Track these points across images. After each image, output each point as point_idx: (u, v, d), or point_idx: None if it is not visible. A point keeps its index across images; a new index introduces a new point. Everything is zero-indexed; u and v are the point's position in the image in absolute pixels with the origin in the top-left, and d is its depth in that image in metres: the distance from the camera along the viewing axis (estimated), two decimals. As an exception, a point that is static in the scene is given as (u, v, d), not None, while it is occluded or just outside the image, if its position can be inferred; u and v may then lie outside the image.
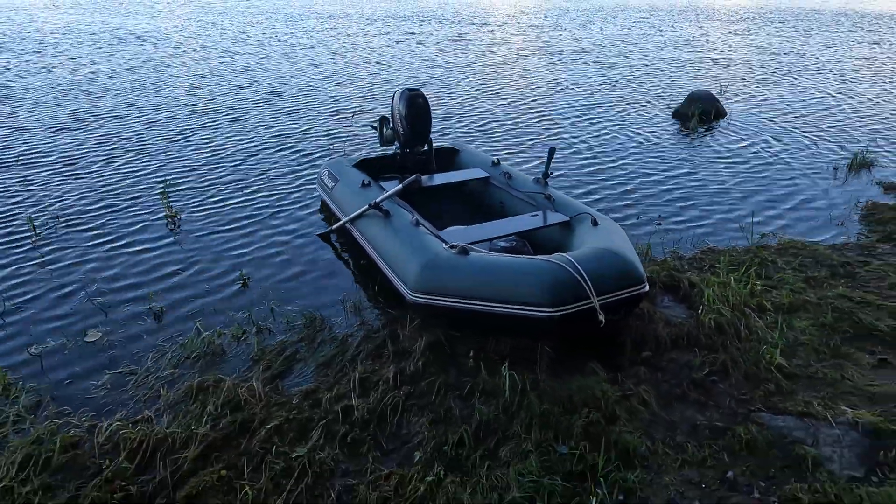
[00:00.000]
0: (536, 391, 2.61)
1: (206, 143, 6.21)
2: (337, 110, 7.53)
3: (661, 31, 14.65)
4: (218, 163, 5.67)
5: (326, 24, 15.35)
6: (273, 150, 6.06)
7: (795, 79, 9.57)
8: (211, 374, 2.81)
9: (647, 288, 2.94)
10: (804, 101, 8.23)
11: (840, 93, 8.65)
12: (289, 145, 6.20)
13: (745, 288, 3.33)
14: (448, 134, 6.65)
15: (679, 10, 19.38)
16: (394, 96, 4.56)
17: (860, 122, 7.26)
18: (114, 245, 4.13)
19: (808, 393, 2.62)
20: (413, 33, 13.84)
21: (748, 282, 3.39)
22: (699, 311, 3.13)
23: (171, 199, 4.71)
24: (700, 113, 7.07)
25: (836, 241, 4.23)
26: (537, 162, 5.81)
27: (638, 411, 2.53)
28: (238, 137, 6.44)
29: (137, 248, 4.08)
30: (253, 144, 6.22)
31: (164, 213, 4.57)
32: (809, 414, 2.45)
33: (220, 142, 6.27)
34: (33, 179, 5.24)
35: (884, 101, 8.23)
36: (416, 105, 4.47)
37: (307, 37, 13.07)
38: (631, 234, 4.12)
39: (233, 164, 5.66)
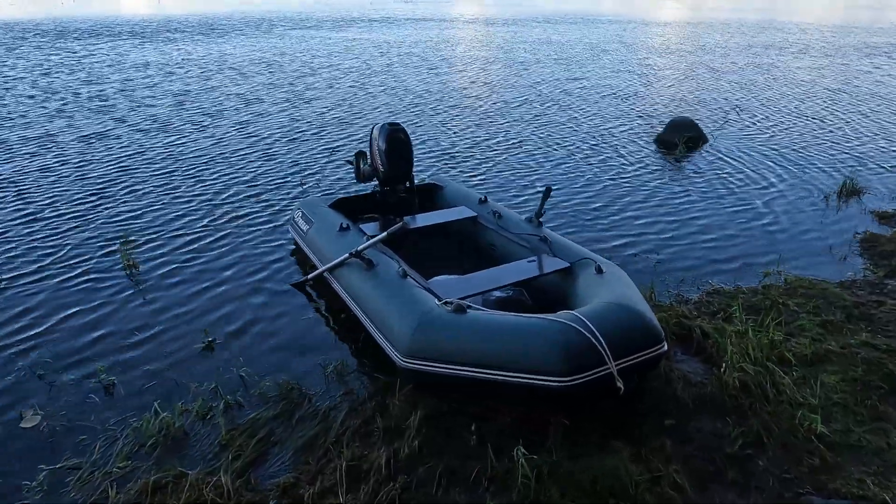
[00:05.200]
0: (556, 477, 2.27)
1: (169, 185, 5.73)
2: (311, 145, 7.17)
3: (635, 59, 14.75)
4: (182, 206, 5.21)
5: (296, 57, 15.06)
6: (242, 188, 5.65)
7: (775, 103, 9.59)
8: (170, 467, 2.39)
9: (666, 347, 2.65)
10: (786, 126, 8.19)
11: (822, 118, 8.65)
12: (259, 183, 5.78)
13: (766, 338, 3.06)
14: (426, 169, 6.34)
15: (651, 38, 19.69)
16: (372, 131, 4.25)
17: (845, 147, 7.20)
18: (63, 303, 3.65)
19: (856, 467, 2.33)
20: (391, 66, 13.65)
21: (768, 331, 3.12)
22: (722, 370, 2.84)
23: (130, 248, 4.27)
24: (686, 140, 6.93)
25: (842, 278, 4.02)
26: (522, 198, 5.54)
27: (672, 499, 2.20)
28: (204, 176, 6.01)
29: (90, 307, 3.62)
30: (220, 183, 5.79)
31: (121, 265, 4.11)
32: (865, 497, 2.16)
33: (185, 182, 5.80)
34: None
35: (868, 126, 8.23)
36: (396, 140, 4.16)
37: (276, 69, 12.73)
38: (632, 276, 3.86)
39: (198, 206, 5.21)
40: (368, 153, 4.32)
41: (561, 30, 20.74)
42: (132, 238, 4.47)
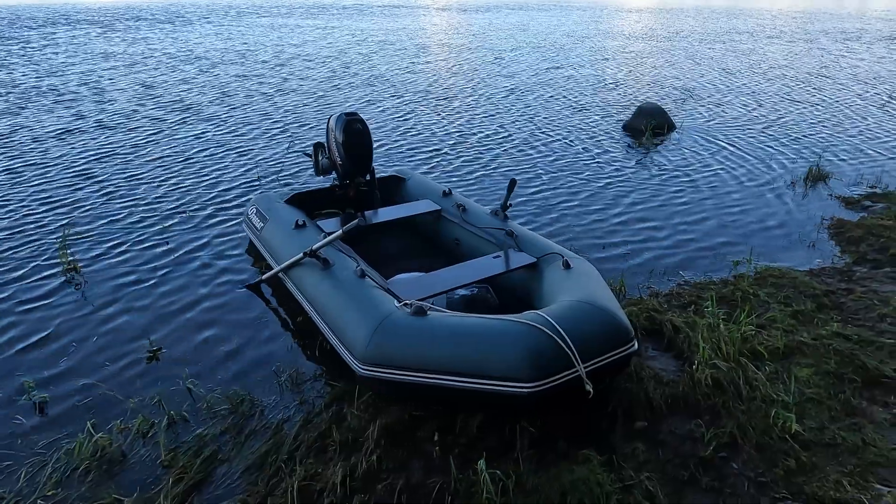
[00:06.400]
0: (522, 491, 2.13)
1: (113, 178, 5.43)
2: (266, 136, 6.89)
3: (607, 46, 14.70)
4: (127, 202, 4.92)
5: (263, 47, 14.62)
6: (192, 183, 5.37)
7: (741, 88, 9.60)
8: (104, 495, 2.19)
9: (637, 346, 2.53)
10: (751, 111, 8.19)
11: (787, 103, 8.69)
12: (210, 177, 5.51)
13: (737, 332, 2.97)
14: (386, 160, 6.14)
15: (622, 25, 19.68)
16: (329, 121, 4.03)
17: (811, 132, 7.22)
18: (-9, 311, 3.39)
19: (832, 467, 2.25)
20: (360, 55, 13.35)
21: (739, 325, 3.02)
22: (694, 367, 2.74)
23: (70, 249, 3.99)
24: (653, 127, 6.86)
25: (811, 266, 3.97)
26: (489, 190, 5.39)
27: (644, 509, 2.09)
28: (149, 170, 5.71)
29: (20, 313, 3.35)
30: (173, 178, 5.49)
31: (59, 267, 3.84)
32: (843, 501, 2.07)
33: (129, 176, 5.50)
34: None
35: (833, 111, 8.27)
36: (354, 131, 3.94)
37: (243, 59, 12.31)
38: (601, 270, 3.74)
39: (144, 202, 4.92)
40: (325, 145, 4.11)
41: (533, 16, 20.60)
42: (72, 236, 4.18)
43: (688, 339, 3.01)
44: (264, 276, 3.57)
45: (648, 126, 6.86)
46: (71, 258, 3.89)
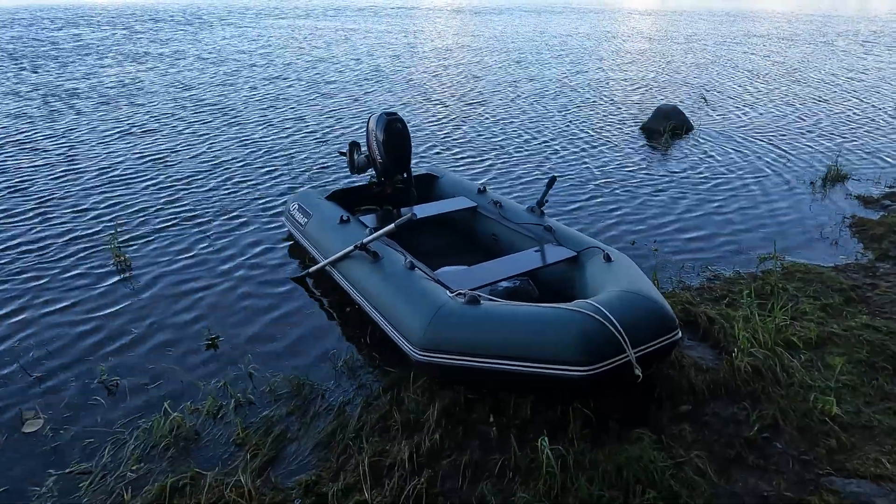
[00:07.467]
0: (580, 467, 2.26)
1: (158, 179, 5.55)
2: (297, 136, 7.04)
3: (624, 48, 14.83)
4: (171, 200, 5.06)
5: (284, 48, 14.78)
6: (231, 183, 5.51)
7: (758, 90, 9.72)
8: (186, 469, 2.33)
9: (681, 334, 2.67)
10: (768, 112, 8.32)
11: (804, 105, 8.81)
12: (247, 177, 5.66)
13: (772, 323, 3.10)
14: (417, 159, 6.28)
15: (639, 27, 19.81)
16: (369, 121, 4.17)
17: (828, 134, 7.34)
18: (53, 303, 3.52)
19: (871, 447, 2.38)
20: (380, 57, 13.50)
21: (773, 316, 3.16)
22: (734, 355, 2.87)
23: (120, 244, 4.14)
24: (672, 128, 6.99)
25: (836, 262, 4.10)
26: (517, 188, 5.54)
27: (696, 484, 2.22)
28: (192, 170, 5.86)
29: (82, 306, 3.49)
30: (210, 177, 5.63)
31: (112, 263, 3.98)
32: (884, 476, 2.21)
33: (173, 178, 5.61)
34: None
35: (849, 113, 8.39)
36: (394, 130, 4.09)
37: (265, 61, 12.47)
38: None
39: (187, 201, 5.05)
40: (365, 144, 4.26)
41: (548, 19, 20.75)
42: (123, 234, 4.33)
43: (723, 329, 3.14)
44: (311, 269, 3.71)
45: (667, 127, 7.00)
46: (123, 255, 4.03)
